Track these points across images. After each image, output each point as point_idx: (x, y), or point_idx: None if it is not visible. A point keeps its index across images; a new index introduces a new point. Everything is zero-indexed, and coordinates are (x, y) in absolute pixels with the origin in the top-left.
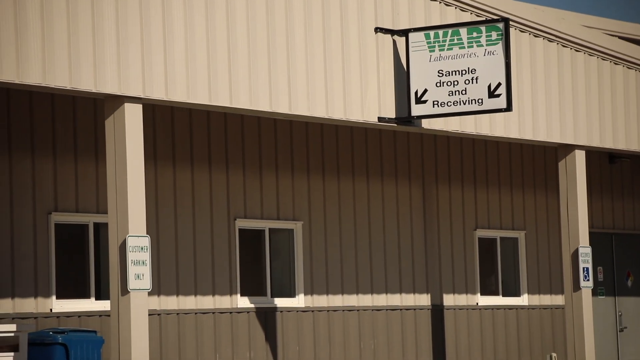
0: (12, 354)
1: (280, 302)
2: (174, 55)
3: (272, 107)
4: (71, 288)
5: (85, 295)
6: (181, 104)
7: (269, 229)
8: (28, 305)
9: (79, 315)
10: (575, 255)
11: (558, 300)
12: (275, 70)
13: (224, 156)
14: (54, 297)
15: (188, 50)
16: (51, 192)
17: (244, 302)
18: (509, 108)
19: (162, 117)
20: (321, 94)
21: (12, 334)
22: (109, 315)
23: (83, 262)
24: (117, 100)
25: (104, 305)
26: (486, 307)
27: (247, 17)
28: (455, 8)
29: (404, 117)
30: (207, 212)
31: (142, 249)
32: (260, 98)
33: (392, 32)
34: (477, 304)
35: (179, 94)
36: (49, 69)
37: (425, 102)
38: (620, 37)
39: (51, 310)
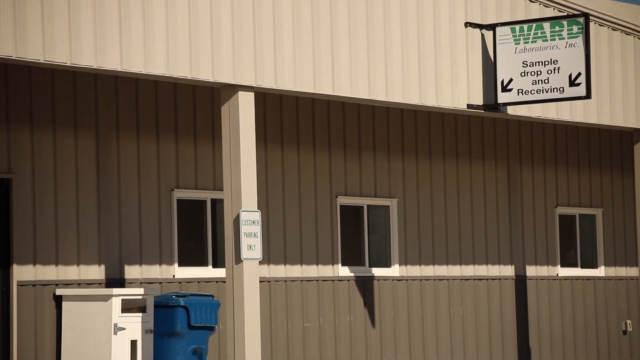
0: (140, 314)
1: (377, 271)
2: (282, 48)
3: (371, 94)
4: (191, 257)
5: (203, 263)
6: (289, 92)
7: (367, 205)
8: (154, 271)
9: (198, 281)
10: None
11: (633, 272)
12: (373, 62)
13: (327, 139)
14: (176, 265)
15: (295, 44)
16: (173, 171)
17: (344, 271)
18: (588, 96)
19: (271, 104)
20: (415, 83)
21: (141, 297)
22: (224, 282)
23: (201, 233)
24: (232, 89)
25: (220, 272)
26: (566, 278)
27: (348, 14)
28: (539, 4)
29: (491, 104)
30: (311, 189)
31: (253, 222)
32: (360, 87)
33: (480, 26)
34: (558, 275)
35: (287, 83)
36: (172, 60)
37: (510, 90)
38: None
39: (174, 276)
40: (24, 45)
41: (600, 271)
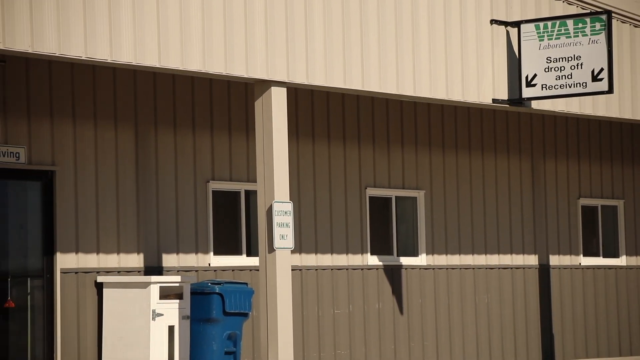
0: (177, 301)
1: (405, 260)
2: (314, 45)
3: (399, 90)
4: (226, 246)
5: (237, 252)
6: (320, 88)
7: (396, 197)
8: (190, 260)
9: (233, 269)
10: None
11: None
12: (402, 59)
13: (357, 133)
14: (211, 254)
15: (326, 41)
16: (209, 164)
17: (373, 260)
18: (610, 91)
19: (303, 99)
20: (442, 79)
21: (178, 284)
22: (258, 270)
23: (236, 223)
24: (265, 85)
25: (254, 261)
26: (588, 267)
27: (377, 12)
28: (563, 2)
29: (516, 99)
30: (341, 181)
31: (285, 213)
32: (389, 82)
33: (505, 23)
34: (580, 264)
35: (318, 79)
36: (207, 57)
37: (534, 85)
38: None
39: (209, 264)
40: (67, 43)
41: (621, 260)
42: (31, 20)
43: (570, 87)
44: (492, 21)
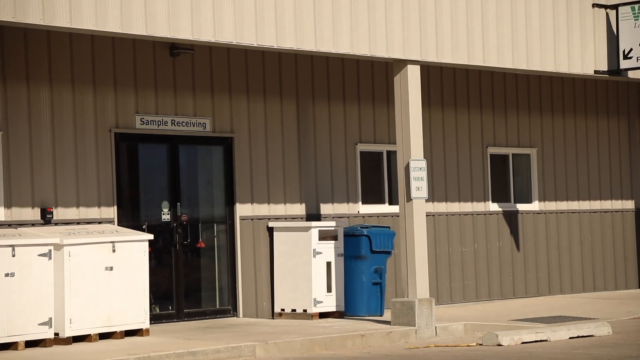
0: (333, 242)
1: (521, 206)
2: (442, 29)
3: (514, 64)
4: (371, 196)
5: (381, 201)
6: (447, 65)
7: (512, 154)
8: (342, 208)
9: (377, 215)
10: None
11: None
12: (516, 37)
13: (479, 101)
14: (360, 203)
15: (452, 25)
16: (357, 129)
17: (494, 206)
18: None
19: (434, 74)
20: (550, 54)
21: (333, 228)
22: (398, 216)
23: (379, 178)
24: (402, 63)
25: (394, 209)
26: None
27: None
28: None
29: (614, 70)
30: (466, 141)
31: (420, 169)
32: (506, 58)
33: (605, 6)
34: None
35: (446, 57)
36: (355, 41)
37: (630, 58)
38: None
39: (358, 212)
40: (241, 33)
41: None
42: (213, 14)
43: None
44: (594, 5)
